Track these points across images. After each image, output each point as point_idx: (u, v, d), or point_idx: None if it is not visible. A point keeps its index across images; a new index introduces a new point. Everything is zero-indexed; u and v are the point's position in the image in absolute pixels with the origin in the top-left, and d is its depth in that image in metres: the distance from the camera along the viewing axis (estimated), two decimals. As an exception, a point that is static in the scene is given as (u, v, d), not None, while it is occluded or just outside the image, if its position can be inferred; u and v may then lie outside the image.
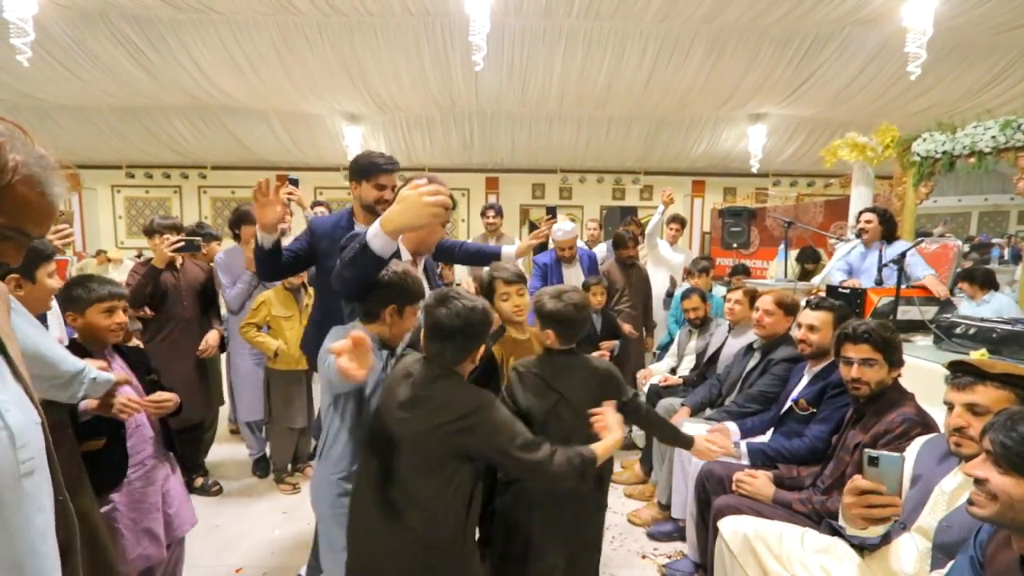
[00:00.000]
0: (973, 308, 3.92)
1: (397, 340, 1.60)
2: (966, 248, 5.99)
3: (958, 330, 2.39)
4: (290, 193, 2.35)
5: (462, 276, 3.93)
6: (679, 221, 4.81)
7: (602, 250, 4.66)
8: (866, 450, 1.38)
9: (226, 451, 3.47)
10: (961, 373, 1.33)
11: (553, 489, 1.56)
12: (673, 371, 3.42)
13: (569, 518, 1.60)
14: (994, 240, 7.12)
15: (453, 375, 1.36)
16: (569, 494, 1.58)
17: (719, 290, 4.19)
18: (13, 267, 1.15)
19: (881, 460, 1.32)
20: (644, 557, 2.37)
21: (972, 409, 1.29)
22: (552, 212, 3.14)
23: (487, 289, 2.20)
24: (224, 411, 3.37)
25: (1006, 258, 6.69)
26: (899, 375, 1.80)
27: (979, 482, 1.01)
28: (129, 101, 7.22)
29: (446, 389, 1.32)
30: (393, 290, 1.51)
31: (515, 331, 2.12)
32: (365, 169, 2.00)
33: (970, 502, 1.04)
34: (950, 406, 1.33)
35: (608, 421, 1.47)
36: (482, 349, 1.39)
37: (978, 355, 2.21)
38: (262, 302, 2.85)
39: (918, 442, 1.52)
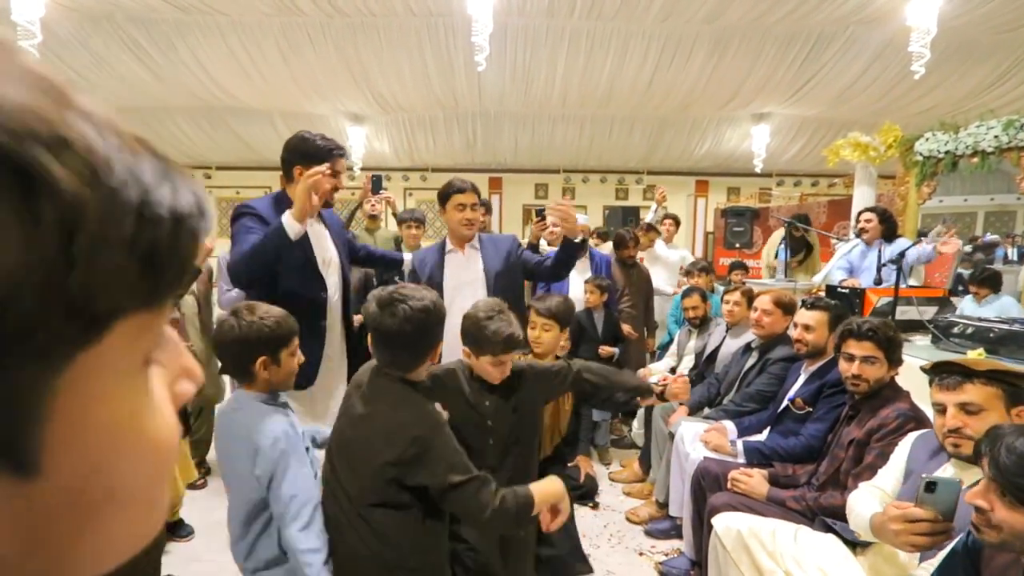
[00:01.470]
0: (976, 309, 3.91)
1: (287, 385, 1.38)
2: (968, 248, 5.95)
3: (956, 329, 2.39)
4: (388, 199, 2.45)
5: None
6: (674, 219, 4.83)
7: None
8: (923, 476, 1.28)
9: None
10: (948, 373, 1.33)
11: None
12: (673, 370, 3.43)
13: None
14: (992, 238, 7.06)
15: (404, 387, 1.25)
16: None
17: (721, 290, 4.20)
18: None
19: (939, 486, 1.20)
20: (641, 554, 2.38)
21: (965, 408, 1.30)
22: (541, 214, 3.17)
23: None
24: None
25: (1011, 258, 6.64)
26: (896, 373, 1.81)
27: (980, 509, 0.97)
28: (135, 103, 7.28)
29: (395, 407, 1.22)
30: (255, 341, 1.25)
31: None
32: (316, 154, 1.79)
33: (975, 526, 1.00)
34: (940, 407, 1.34)
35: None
36: (440, 348, 1.28)
37: (975, 354, 2.21)
38: None
39: (910, 437, 1.53)
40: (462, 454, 1.23)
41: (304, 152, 1.80)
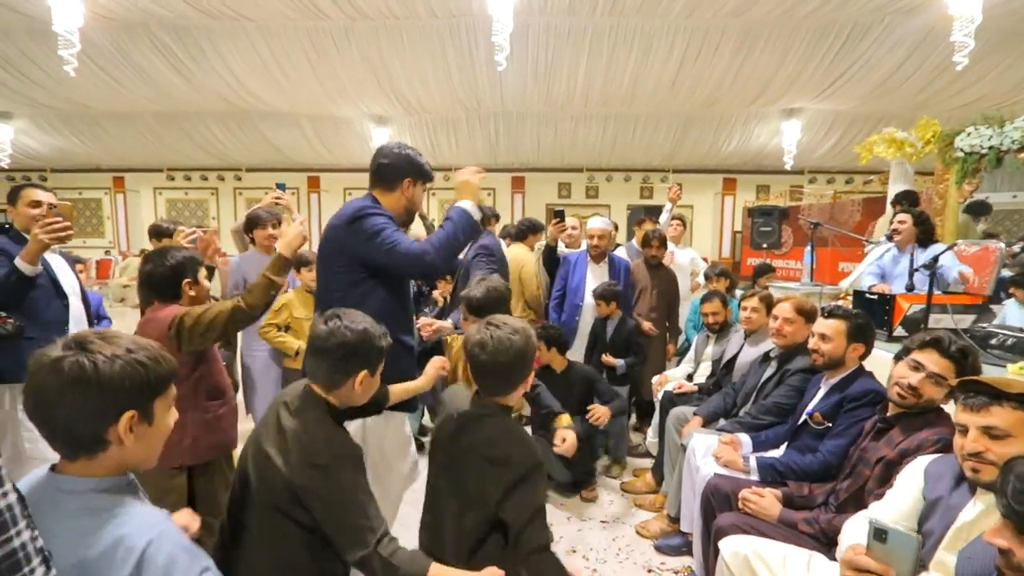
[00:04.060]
0: (1023, 315, 3.66)
1: (150, 461, 0.92)
2: (1017, 248, 5.59)
3: (994, 340, 2.23)
4: (278, 198, 2.35)
5: None
6: (679, 219, 4.69)
7: (632, 251, 4.55)
8: (871, 519, 1.17)
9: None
10: (974, 393, 1.22)
11: None
12: (690, 377, 3.32)
13: None
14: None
15: (324, 412, 1.21)
16: None
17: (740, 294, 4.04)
18: None
19: (890, 536, 1.06)
20: (650, 572, 2.30)
21: (989, 432, 1.18)
22: (560, 215, 3.10)
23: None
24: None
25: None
26: (947, 403, 1.67)
27: (1003, 551, 0.92)
28: (169, 107, 7.53)
29: (310, 428, 1.17)
30: (119, 391, 0.82)
31: None
32: (425, 173, 1.92)
33: (998, 570, 0.95)
34: (963, 428, 1.23)
35: None
36: (363, 376, 1.23)
37: (1017, 368, 2.05)
38: (284, 304, 2.91)
39: (921, 462, 1.41)
40: (365, 498, 1.16)
41: (419, 171, 1.93)
